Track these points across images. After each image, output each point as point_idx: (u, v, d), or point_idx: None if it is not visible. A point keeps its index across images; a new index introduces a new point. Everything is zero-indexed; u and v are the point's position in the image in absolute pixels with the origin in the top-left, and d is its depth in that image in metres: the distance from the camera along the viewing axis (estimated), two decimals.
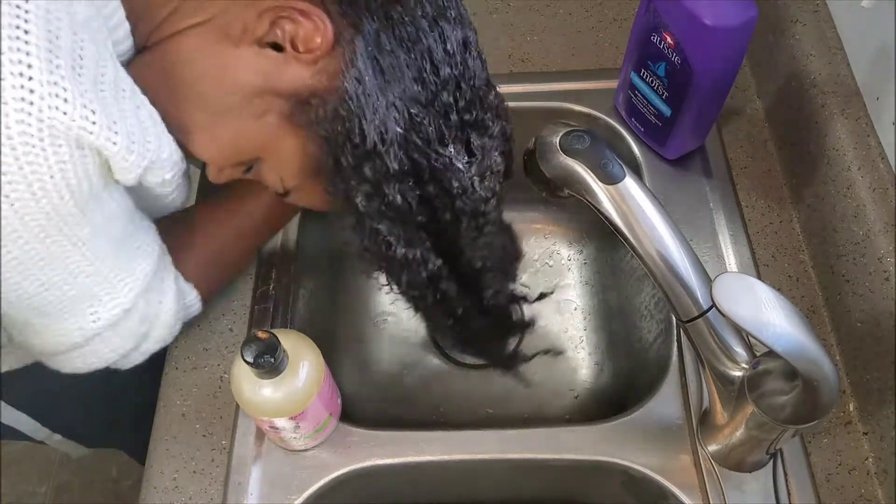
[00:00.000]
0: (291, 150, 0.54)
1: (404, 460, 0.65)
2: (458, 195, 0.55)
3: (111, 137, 0.45)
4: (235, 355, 0.56)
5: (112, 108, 0.45)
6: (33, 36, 0.41)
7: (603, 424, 0.66)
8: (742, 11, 0.65)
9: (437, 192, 0.55)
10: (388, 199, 0.53)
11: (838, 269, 0.69)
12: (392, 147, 0.51)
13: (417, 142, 0.52)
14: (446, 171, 0.54)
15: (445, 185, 0.54)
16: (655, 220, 0.54)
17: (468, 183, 0.55)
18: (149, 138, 0.49)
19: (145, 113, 0.49)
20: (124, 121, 0.46)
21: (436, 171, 0.53)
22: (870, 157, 0.67)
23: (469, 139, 0.54)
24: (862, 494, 0.63)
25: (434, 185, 0.54)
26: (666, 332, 0.73)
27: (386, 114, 0.50)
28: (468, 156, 0.55)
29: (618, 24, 0.92)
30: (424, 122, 0.52)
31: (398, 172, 0.52)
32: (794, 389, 0.52)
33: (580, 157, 0.55)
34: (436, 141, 0.53)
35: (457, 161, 0.54)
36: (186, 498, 0.64)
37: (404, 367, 0.88)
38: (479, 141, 0.55)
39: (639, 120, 0.80)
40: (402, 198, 0.53)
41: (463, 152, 0.54)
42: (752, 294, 0.47)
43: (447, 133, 0.53)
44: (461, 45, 0.52)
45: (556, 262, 0.94)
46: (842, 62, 0.73)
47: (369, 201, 0.53)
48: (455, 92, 0.52)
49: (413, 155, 0.52)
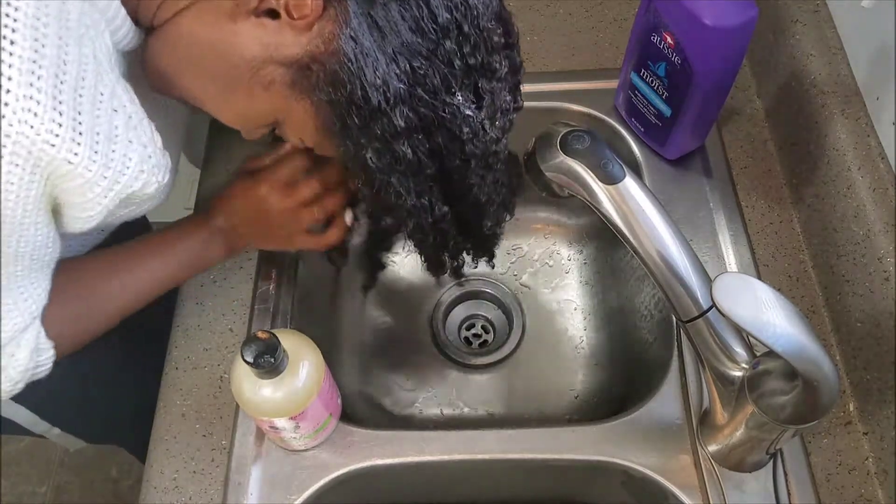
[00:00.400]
0: (303, 115, 0.53)
1: (404, 460, 0.65)
2: (468, 140, 0.54)
3: (73, 149, 0.45)
4: (235, 355, 0.56)
5: (86, 115, 0.46)
6: (18, 47, 0.41)
7: (603, 424, 0.66)
8: (742, 11, 0.65)
9: (446, 141, 0.53)
10: (399, 154, 0.52)
11: (838, 269, 0.69)
12: (398, 105, 0.50)
13: (423, 95, 0.50)
14: (455, 118, 0.52)
15: (455, 133, 0.53)
16: (655, 220, 0.54)
17: (478, 127, 0.53)
18: (114, 147, 0.49)
19: (121, 117, 0.49)
20: (93, 129, 0.46)
21: (444, 122, 0.52)
22: (870, 157, 0.67)
23: (477, 83, 0.53)
24: (862, 494, 0.63)
25: (444, 135, 0.53)
26: (666, 332, 0.73)
27: (387, 71, 0.49)
28: (476, 100, 0.53)
29: (618, 24, 0.92)
30: (428, 73, 0.50)
31: (406, 129, 0.51)
32: (794, 389, 0.52)
33: (580, 157, 0.55)
34: (442, 91, 0.51)
35: (465, 108, 0.52)
36: (186, 498, 0.64)
37: (404, 366, 0.88)
38: (487, 84, 0.53)
39: (639, 120, 0.80)
40: (412, 152, 0.52)
41: (471, 98, 0.53)
42: (752, 294, 0.47)
43: (453, 81, 0.51)
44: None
45: (556, 262, 0.94)
46: (842, 62, 0.73)
47: (380, 158, 0.53)
48: (458, 37, 0.50)
49: (419, 109, 0.51)
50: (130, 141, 0.50)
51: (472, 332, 0.92)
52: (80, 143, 0.46)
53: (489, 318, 0.92)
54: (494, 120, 0.55)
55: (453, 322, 0.91)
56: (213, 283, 0.75)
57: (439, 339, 0.89)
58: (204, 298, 0.74)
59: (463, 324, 0.92)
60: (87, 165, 0.47)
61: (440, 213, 0.58)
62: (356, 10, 0.49)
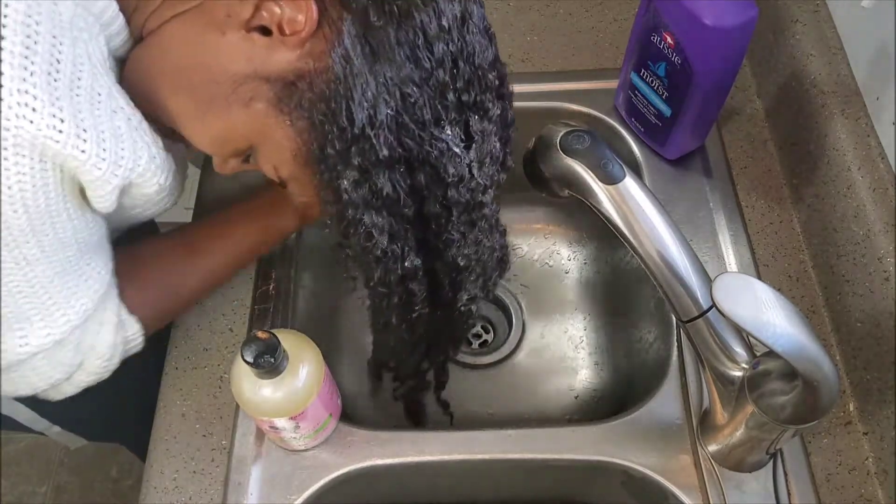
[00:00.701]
0: (280, 139, 0.52)
1: (404, 460, 0.65)
2: (452, 183, 0.52)
3: (79, 145, 0.45)
4: (235, 355, 0.56)
5: (85, 113, 0.45)
6: (8, 42, 0.41)
7: (603, 424, 0.66)
8: (742, 11, 0.65)
9: (429, 179, 0.51)
10: (377, 187, 0.50)
11: (838, 269, 0.69)
12: (382, 130, 0.48)
13: (410, 124, 0.49)
14: (441, 156, 0.50)
15: (440, 172, 0.51)
16: (655, 220, 0.54)
17: (464, 170, 0.51)
18: (122, 145, 0.48)
19: (122, 118, 0.49)
20: (97, 127, 0.46)
21: (429, 157, 0.50)
22: (870, 157, 0.67)
23: (468, 122, 0.51)
24: (862, 494, 0.63)
25: (427, 173, 0.51)
26: (666, 332, 0.73)
27: (376, 94, 0.48)
28: (466, 140, 0.51)
29: (618, 24, 0.92)
30: (418, 103, 0.48)
31: (388, 158, 0.49)
32: (794, 389, 0.52)
33: (580, 157, 0.55)
34: (430, 123, 0.49)
35: (453, 145, 0.50)
36: (186, 498, 0.64)
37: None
38: (478, 125, 0.51)
39: (639, 120, 0.80)
40: (391, 186, 0.50)
41: (461, 135, 0.51)
42: (752, 294, 0.47)
43: (444, 115, 0.50)
44: (458, 19, 0.49)
45: (556, 262, 0.94)
46: (842, 62, 0.73)
47: (356, 189, 0.50)
48: (452, 70, 0.49)
49: (405, 139, 0.49)
50: (136, 140, 0.50)
51: (472, 332, 0.92)
52: (87, 140, 0.45)
53: (489, 318, 0.92)
54: (482, 165, 0.53)
55: None
56: None
57: None
58: (204, 298, 0.74)
59: None
60: (97, 163, 0.47)
61: (411, 265, 0.55)
62: (350, 31, 0.47)
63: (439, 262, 0.57)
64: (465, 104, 0.51)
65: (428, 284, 0.58)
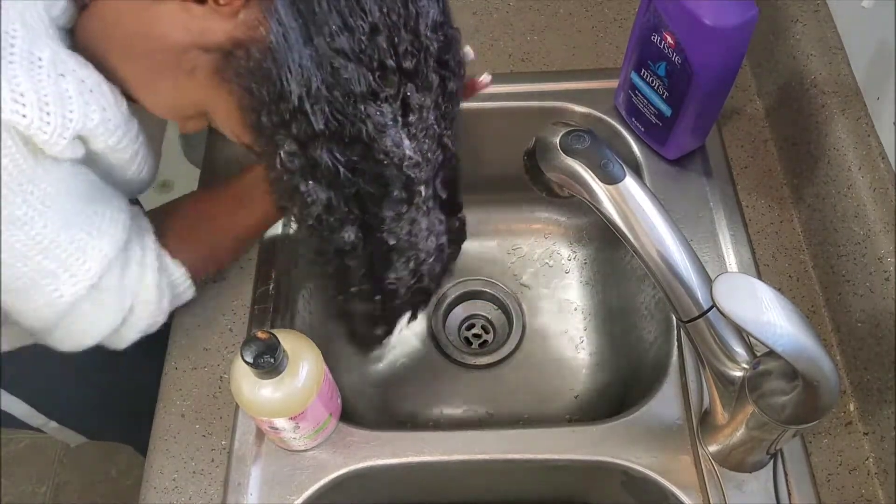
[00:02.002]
0: (226, 106, 0.52)
1: (404, 460, 0.65)
2: (386, 159, 0.51)
3: (18, 110, 0.45)
4: (235, 355, 0.56)
5: (21, 78, 0.45)
6: None
7: (603, 424, 0.66)
8: (742, 11, 0.65)
9: (363, 154, 0.50)
10: (313, 159, 0.49)
11: (838, 268, 0.69)
12: (318, 104, 0.47)
13: (342, 98, 0.48)
14: (376, 131, 0.49)
15: (373, 148, 0.50)
16: (655, 220, 0.54)
17: (400, 148, 0.50)
18: (70, 107, 0.48)
19: (70, 81, 0.48)
20: (37, 91, 0.46)
21: (362, 132, 0.49)
22: (870, 157, 0.67)
23: (406, 96, 0.50)
24: (862, 495, 0.63)
25: (361, 147, 0.50)
26: (666, 332, 0.73)
27: (310, 67, 0.47)
28: (403, 114, 0.50)
29: (618, 24, 0.92)
30: (351, 76, 0.47)
31: (324, 132, 0.48)
32: (794, 389, 0.52)
33: (580, 157, 0.55)
34: (364, 97, 0.48)
35: (388, 121, 0.49)
36: (186, 498, 0.64)
37: (404, 367, 0.88)
38: (417, 98, 0.50)
39: (639, 120, 0.80)
40: (327, 159, 0.49)
41: (398, 111, 0.50)
42: (753, 294, 0.47)
43: (379, 87, 0.48)
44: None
45: (556, 262, 0.94)
46: (842, 62, 0.73)
47: (292, 159, 0.50)
48: (389, 38, 0.47)
49: (337, 113, 0.48)
50: (87, 103, 0.50)
51: (472, 332, 0.92)
52: (25, 105, 0.45)
53: (489, 318, 0.92)
54: (419, 141, 0.51)
55: (453, 322, 0.91)
56: (213, 283, 0.75)
57: (439, 339, 0.88)
58: (204, 298, 0.74)
59: (463, 324, 0.92)
60: (41, 126, 0.46)
61: (347, 239, 0.54)
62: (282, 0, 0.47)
63: (371, 237, 0.56)
64: (404, 72, 0.49)
65: (365, 259, 0.57)
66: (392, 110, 0.50)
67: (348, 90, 0.48)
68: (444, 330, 0.90)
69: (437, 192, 0.59)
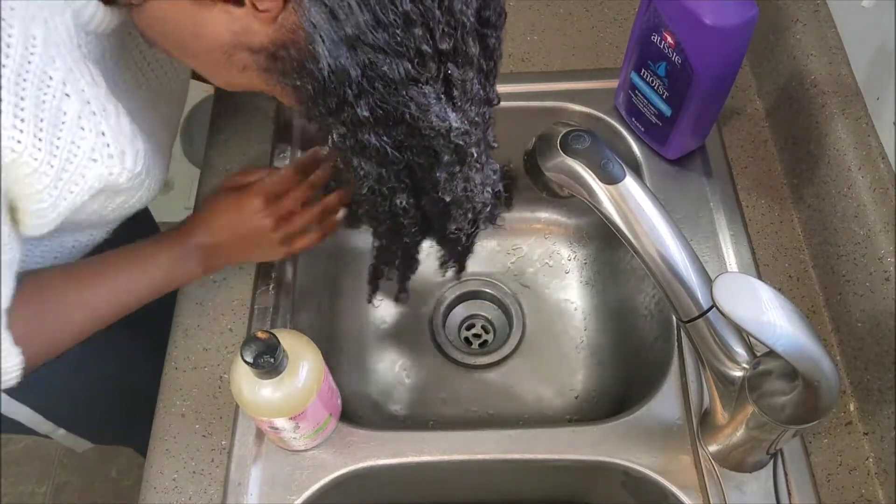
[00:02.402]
0: (281, 94, 0.54)
1: (404, 460, 0.65)
2: (434, 135, 0.52)
3: (15, 136, 0.45)
4: (235, 355, 0.56)
5: (30, 99, 0.45)
6: None
7: (603, 424, 0.66)
8: (742, 11, 0.65)
9: (411, 132, 0.52)
10: (364, 142, 0.52)
11: (838, 268, 0.69)
12: (361, 97, 0.49)
13: (383, 89, 0.49)
14: (421, 113, 0.50)
15: (421, 128, 0.51)
16: (656, 220, 0.54)
17: (447, 122, 0.52)
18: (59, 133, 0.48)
19: (73, 103, 0.49)
20: (37, 115, 0.46)
21: (406, 115, 0.50)
22: (870, 157, 0.67)
23: (447, 74, 0.50)
24: (862, 495, 0.63)
25: (408, 129, 0.52)
26: (666, 332, 0.73)
27: (349, 62, 0.48)
28: (447, 91, 0.51)
29: (618, 23, 0.92)
30: (390, 67, 0.48)
31: (370, 119, 0.50)
32: (794, 390, 0.52)
33: (580, 157, 0.55)
34: (406, 84, 0.49)
35: (432, 102, 0.50)
36: (186, 498, 0.64)
37: (404, 367, 0.88)
38: (458, 74, 0.51)
39: (639, 120, 0.80)
40: (377, 141, 0.52)
41: (441, 90, 0.51)
42: (753, 294, 0.47)
43: (421, 71, 0.49)
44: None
45: (556, 262, 0.94)
46: (842, 62, 0.73)
47: (344, 141, 0.53)
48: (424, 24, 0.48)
49: (382, 101, 0.50)
50: (82, 128, 0.50)
51: (472, 332, 0.92)
52: (23, 131, 0.45)
53: (489, 318, 0.92)
54: (466, 112, 0.53)
55: (453, 322, 0.91)
56: (213, 283, 0.75)
57: (439, 339, 0.88)
58: (204, 298, 0.74)
59: (463, 324, 0.92)
60: (32, 153, 0.46)
61: (400, 205, 0.57)
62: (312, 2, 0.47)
63: (426, 197, 0.58)
64: (443, 53, 0.49)
65: (419, 216, 0.60)
66: (435, 90, 0.50)
67: (388, 80, 0.49)
68: (444, 330, 0.90)
69: (490, 144, 0.58)
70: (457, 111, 0.52)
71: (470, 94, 0.52)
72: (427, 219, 0.61)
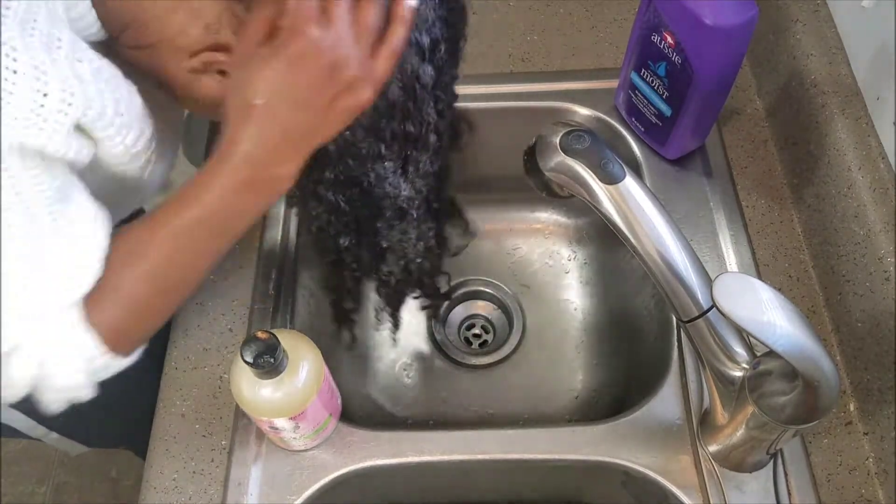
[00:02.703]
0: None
1: (404, 460, 0.65)
2: (385, 198, 0.58)
3: (40, 88, 0.44)
4: (235, 355, 0.56)
5: (40, 53, 0.45)
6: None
7: (603, 424, 0.66)
8: (742, 11, 0.65)
9: (365, 195, 0.57)
10: (319, 195, 0.57)
11: (839, 268, 0.69)
12: (330, 165, 0.54)
13: (353, 161, 0.54)
14: (378, 182, 0.56)
15: (376, 194, 0.57)
16: (655, 220, 0.54)
17: (398, 190, 0.58)
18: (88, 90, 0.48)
19: (87, 67, 0.48)
20: (54, 71, 0.45)
21: (368, 182, 0.56)
22: (870, 157, 0.67)
23: (407, 155, 0.56)
24: (862, 495, 0.63)
25: (364, 192, 0.57)
26: (666, 332, 0.73)
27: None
28: (402, 167, 0.57)
29: (618, 24, 0.92)
30: (370, 146, 0.54)
31: (331, 180, 0.56)
32: (794, 390, 0.52)
33: (580, 157, 0.55)
34: (374, 159, 0.55)
35: (390, 174, 0.56)
36: (186, 498, 0.64)
37: (404, 367, 0.88)
38: (416, 155, 0.56)
39: (639, 120, 0.80)
40: (332, 197, 0.57)
41: (399, 164, 0.57)
42: (753, 294, 0.47)
43: (389, 152, 0.55)
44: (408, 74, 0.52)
45: (556, 262, 0.94)
46: (842, 62, 0.73)
47: (303, 189, 0.57)
48: (404, 113, 0.53)
49: (348, 171, 0.55)
50: (102, 91, 0.49)
51: (472, 332, 0.92)
52: (48, 83, 0.45)
53: (489, 318, 0.92)
54: (415, 182, 0.58)
55: (453, 322, 0.91)
56: (213, 283, 0.75)
57: (439, 338, 0.89)
58: (204, 298, 0.74)
59: (463, 324, 0.92)
60: (63, 109, 0.46)
61: (343, 245, 0.61)
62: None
63: (367, 240, 0.63)
64: (408, 139, 0.55)
65: (359, 255, 0.64)
66: (394, 166, 0.56)
67: (360, 157, 0.54)
68: (444, 330, 0.90)
69: (430, 205, 0.63)
70: (408, 182, 0.58)
71: (422, 171, 0.58)
72: (365, 259, 0.65)
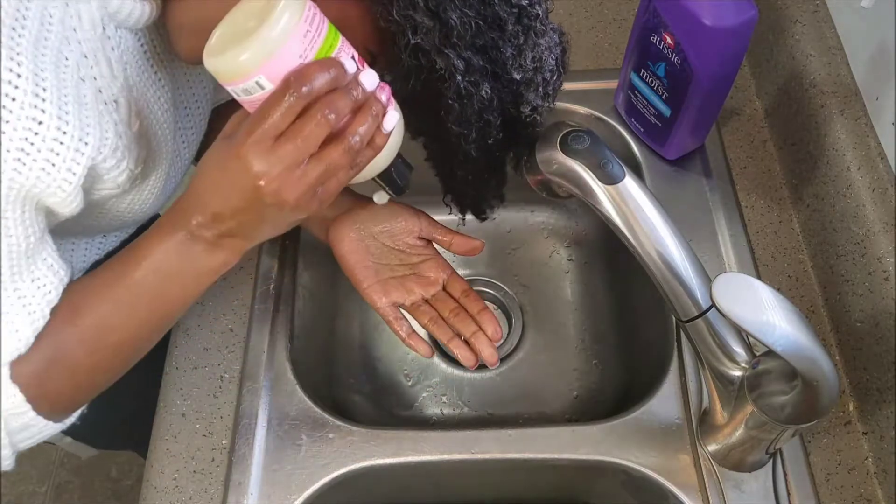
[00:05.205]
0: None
1: (404, 460, 0.65)
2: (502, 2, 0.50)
3: (38, 105, 0.43)
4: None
5: (49, 73, 0.44)
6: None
7: (603, 424, 0.66)
8: (742, 11, 0.65)
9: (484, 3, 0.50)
10: (448, 23, 0.48)
11: (838, 268, 0.69)
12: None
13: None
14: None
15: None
16: (655, 220, 0.54)
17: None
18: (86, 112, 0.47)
19: (89, 88, 0.47)
20: (60, 89, 0.45)
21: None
22: (869, 157, 0.67)
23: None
24: (861, 494, 0.63)
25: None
26: (666, 332, 0.73)
27: None
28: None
29: (618, 24, 0.92)
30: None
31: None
32: (793, 389, 0.52)
33: (580, 157, 0.55)
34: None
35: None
36: (186, 498, 0.64)
37: (404, 367, 0.88)
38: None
39: (639, 120, 0.80)
40: (458, 18, 0.48)
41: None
42: (752, 294, 0.47)
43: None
44: None
45: (556, 262, 0.94)
46: (841, 62, 0.73)
47: (427, 35, 0.48)
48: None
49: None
50: (101, 113, 0.48)
51: None
52: (45, 100, 0.44)
53: None
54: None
55: None
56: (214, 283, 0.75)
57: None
58: (204, 298, 0.74)
59: None
60: (59, 126, 0.44)
61: (487, 95, 0.51)
62: None
63: (498, 83, 0.54)
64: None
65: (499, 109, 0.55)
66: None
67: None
68: None
69: (548, 7, 0.56)
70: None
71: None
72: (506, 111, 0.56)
